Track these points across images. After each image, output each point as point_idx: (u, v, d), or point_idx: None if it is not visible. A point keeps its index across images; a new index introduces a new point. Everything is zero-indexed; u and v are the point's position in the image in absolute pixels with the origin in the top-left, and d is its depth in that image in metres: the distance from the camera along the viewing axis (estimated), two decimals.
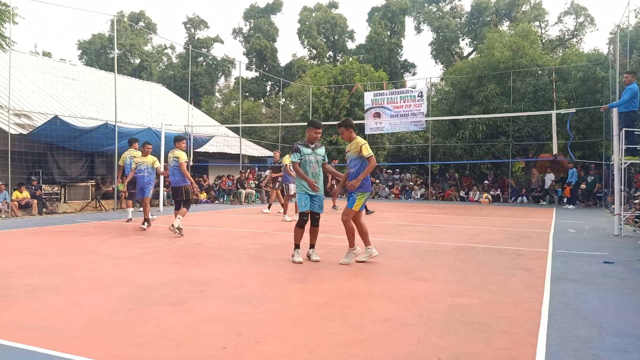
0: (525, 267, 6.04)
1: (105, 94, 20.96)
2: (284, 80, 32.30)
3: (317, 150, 6.39)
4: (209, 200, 18.93)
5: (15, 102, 15.94)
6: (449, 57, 36.54)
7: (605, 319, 3.89)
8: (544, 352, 3.14)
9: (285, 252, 6.99)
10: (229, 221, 11.69)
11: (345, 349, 3.17)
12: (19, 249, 7.24)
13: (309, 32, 40.86)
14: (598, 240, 8.65)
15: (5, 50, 13.19)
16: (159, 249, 7.31)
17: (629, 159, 9.52)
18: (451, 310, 4.06)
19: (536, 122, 19.54)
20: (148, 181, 10.28)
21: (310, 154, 6.32)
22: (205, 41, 45.96)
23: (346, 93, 24.54)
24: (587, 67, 19.23)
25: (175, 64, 46.46)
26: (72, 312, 3.96)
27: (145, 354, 3.06)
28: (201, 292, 4.60)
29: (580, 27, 31.86)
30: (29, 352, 3.10)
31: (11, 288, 4.73)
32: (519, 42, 20.45)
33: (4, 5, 12.33)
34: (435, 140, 22.78)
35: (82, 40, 44.50)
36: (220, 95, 45.70)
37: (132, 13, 45.30)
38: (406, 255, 6.88)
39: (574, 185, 17.86)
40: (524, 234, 9.56)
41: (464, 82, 21.43)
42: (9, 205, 12.67)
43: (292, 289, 4.85)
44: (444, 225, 11.10)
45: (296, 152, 6.29)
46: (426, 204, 19.56)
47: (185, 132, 16.95)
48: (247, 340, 3.33)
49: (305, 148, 6.33)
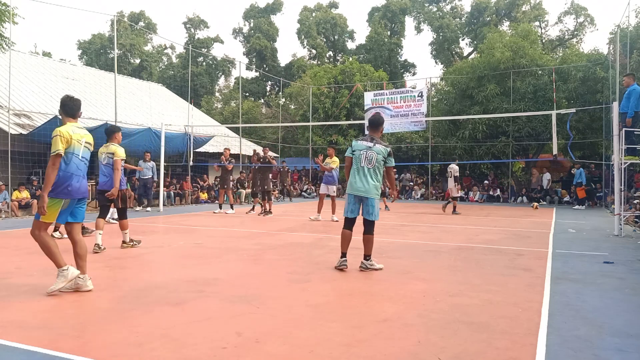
0: (525, 267, 6.04)
1: (105, 94, 20.96)
2: (284, 80, 32.29)
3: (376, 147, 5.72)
4: (209, 200, 18.94)
5: (15, 102, 15.95)
6: (449, 57, 36.53)
7: (605, 319, 3.89)
8: (544, 352, 3.14)
9: (285, 252, 6.99)
10: (229, 221, 11.69)
11: (345, 349, 3.16)
12: (19, 249, 7.23)
13: (308, 32, 40.85)
14: (598, 240, 8.65)
15: (5, 50, 13.19)
16: (159, 249, 7.30)
17: (629, 159, 9.52)
18: (451, 310, 4.06)
19: (536, 122, 19.55)
20: None
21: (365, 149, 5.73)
22: (205, 41, 45.96)
23: (346, 93, 24.54)
24: (587, 67, 19.23)
25: (175, 64, 46.46)
26: (72, 312, 3.96)
27: (145, 354, 3.06)
28: (201, 292, 4.60)
29: (580, 27, 31.86)
30: (29, 352, 3.09)
31: (11, 288, 4.73)
32: (519, 42, 20.46)
33: (4, 5, 12.32)
34: (435, 140, 22.79)
35: (82, 40, 44.55)
36: (220, 95, 45.70)
37: (132, 13, 45.31)
38: (406, 255, 6.88)
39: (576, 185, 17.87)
40: (524, 234, 9.56)
41: (464, 82, 21.43)
42: (9, 205, 12.67)
43: (292, 289, 4.85)
44: (444, 225, 11.10)
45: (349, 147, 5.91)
46: (426, 204, 19.56)
47: (186, 132, 16.94)
48: (247, 340, 3.33)
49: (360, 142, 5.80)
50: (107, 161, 7.13)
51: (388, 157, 5.77)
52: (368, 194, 5.64)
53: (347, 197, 5.79)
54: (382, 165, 5.75)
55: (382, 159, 5.71)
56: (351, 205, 5.74)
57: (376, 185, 5.69)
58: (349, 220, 5.79)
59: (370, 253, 5.78)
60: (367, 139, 5.82)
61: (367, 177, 5.65)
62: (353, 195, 5.72)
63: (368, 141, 5.76)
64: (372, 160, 5.67)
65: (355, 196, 5.70)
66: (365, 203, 5.70)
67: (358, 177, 5.68)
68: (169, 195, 17.00)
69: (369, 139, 5.80)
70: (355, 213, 5.74)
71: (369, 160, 5.67)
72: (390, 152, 5.81)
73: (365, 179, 5.65)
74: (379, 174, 5.72)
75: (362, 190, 5.65)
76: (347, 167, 5.93)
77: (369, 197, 5.65)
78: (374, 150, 5.69)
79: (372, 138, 5.80)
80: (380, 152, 5.69)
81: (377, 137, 5.86)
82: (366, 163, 5.67)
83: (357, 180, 5.68)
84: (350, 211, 5.74)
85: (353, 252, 7.01)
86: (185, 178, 18.65)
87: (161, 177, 15.29)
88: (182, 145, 16.90)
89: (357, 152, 5.74)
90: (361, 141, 5.80)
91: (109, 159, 7.11)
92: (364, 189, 5.64)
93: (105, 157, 7.16)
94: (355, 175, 5.70)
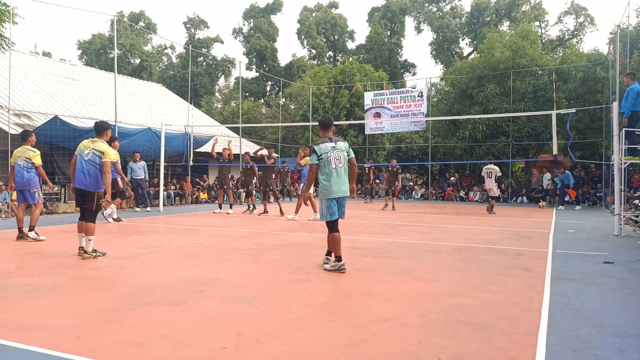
0: (525, 267, 6.04)
1: (105, 94, 20.96)
2: (284, 80, 32.28)
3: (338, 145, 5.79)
4: (209, 200, 18.94)
5: (15, 102, 15.94)
6: (449, 57, 36.51)
7: (605, 319, 3.89)
8: (544, 352, 3.14)
9: (286, 252, 6.99)
10: (229, 221, 11.69)
11: (345, 349, 3.16)
12: (19, 249, 7.23)
13: (308, 32, 40.83)
14: (598, 240, 8.65)
15: (5, 50, 13.19)
16: (159, 249, 7.30)
17: (629, 159, 9.52)
18: (451, 310, 4.06)
19: (536, 122, 19.55)
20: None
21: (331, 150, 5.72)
22: (205, 41, 45.94)
23: (346, 93, 24.53)
24: (587, 67, 19.22)
25: (175, 64, 46.43)
26: (72, 312, 3.96)
27: (145, 354, 3.06)
28: (201, 292, 4.60)
29: (580, 27, 31.85)
30: (29, 352, 3.10)
31: (11, 288, 4.72)
32: (519, 42, 20.45)
33: (4, 5, 12.32)
34: (435, 140, 22.79)
35: (82, 40, 44.51)
36: (220, 95, 45.70)
37: (132, 13, 45.27)
38: (406, 255, 6.88)
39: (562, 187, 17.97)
40: (524, 234, 9.56)
41: (464, 82, 21.43)
42: (9, 205, 12.67)
43: (292, 289, 4.85)
44: (444, 225, 11.10)
45: (313, 154, 5.72)
46: (426, 204, 19.56)
47: (186, 132, 16.94)
48: (247, 340, 3.33)
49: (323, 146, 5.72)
50: (91, 157, 6.46)
51: (349, 150, 5.89)
52: (345, 193, 5.74)
53: (326, 202, 5.70)
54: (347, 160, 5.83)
55: (346, 154, 5.82)
56: (333, 207, 5.70)
57: (348, 183, 5.80)
58: (333, 223, 5.76)
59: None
60: (326, 140, 5.79)
61: (341, 177, 5.70)
62: (332, 198, 5.68)
63: (329, 142, 5.77)
64: (340, 158, 5.73)
65: (335, 199, 5.69)
66: (341, 203, 5.77)
67: (334, 180, 5.66)
68: (169, 195, 17.00)
69: (328, 139, 5.81)
70: (337, 214, 5.76)
71: (339, 160, 5.71)
72: (349, 144, 5.98)
73: (340, 179, 5.69)
74: (348, 171, 5.82)
75: (342, 192, 5.71)
76: (314, 173, 5.81)
77: (345, 197, 5.76)
78: (338, 148, 5.75)
79: (330, 138, 5.83)
80: (343, 148, 5.80)
81: (332, 135, 5.94)
82: (337, 163, 5.69)
83: (335, 184, 5.66)
84: (333, 214, 5.71)
85: (353, 251, 7.02)
86: (185, 178, 18.66)
87: (161, 177, 15.29)
88: (182, 145, 16.92)
89: (325, 155, 5.68)
90: (323, 144, 5.74)
91: (94, 156, 6.46)
92: (344, 189, 5.72)
93: (90, 152, 6.48)
94: (330, 179, 5.66)
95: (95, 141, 6.57)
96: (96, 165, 6.46)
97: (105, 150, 6.48)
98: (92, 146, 6.51)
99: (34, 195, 8.27)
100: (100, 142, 6.56)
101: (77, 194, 6.63)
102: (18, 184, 8.29)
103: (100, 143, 6.55)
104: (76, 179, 6.52)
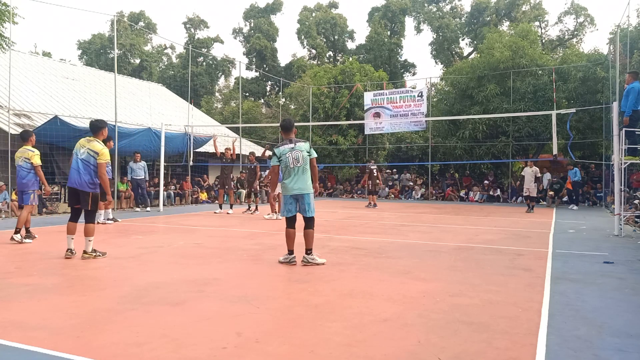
0: (525, 267, 6.04)
1: (105, 94, 20.95)
2: (284, 80, 32.28)
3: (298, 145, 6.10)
4: (209, 200, 18.93)
5: (15, 102, 15.93)
6: (449, 57, 36.52)
7: (605, 319, 3.89)
8: (544, 352, 3.14)
9: (285, 252, 6.97)
10: (228, 221, 11.69)
11: (345, 349, 3.16)
12: (19, 249, 7.24)
13: (308, 32, 40.82)
14: (598, 240, 8.65)
15: (5, 50, 13.18)
16: (159, 249, 7.30)
17: (629, 159, 9.52)
18: (451, 310, 4.06)
19: (536, 122, 19.54)
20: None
21: (289, 151, 6.06)
22: (205, 41, 45.93)
23: (346, 93, 24.53)
24: (587, 67, 19.23)
25: (175, 64, 46.43)
26: (72, 312, 3.96)
27: (145, 354, 3.06)
28: (201, 292, 4.60)
29: (580, 27, 31.86)
30: (29, 352, 3.10)
31: (11, 288, 4.72)
32: (518, 42, 20.45)
33: (4, 5, 12.32)
34: (435, 140, 22.78)
35: (82, 40, 44.47)
36: (220, 95, 45.68)
37: (132, 13, 45.26)
38: (406, 255, 6.88)
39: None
40: (524, 234, 9.56)
41: (464, 82, 21.43)
42: (9, 205, 12.67)
43: (292, 289, 4.85)
44: (444, 225, 11.10)
45: (274, 156, 6.14)
46: (426, 204, 19.56)
47: (185, 132, 16.94)
48: (247, 340, 3.33)
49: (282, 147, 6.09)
50: (86, 157, 6.39)
51: (310, 150, 6.21)
52: (303, 191, 6.06)
53: (284, 199, 6.17)
54: (308, 160, 6.15)
55: (307, 153, 6.14)
56: (288, 205, 6.12)
57: (307, 181, 6.12)
58: (289, 219, 6.15)
59: (311, 247, 6.15)
60: (286, 142, 6.17)
61: (298, 176, 6.06)
62: (289, 195, 6.09)
63: (288, 144, 6.14)
64: (298, 158, 6.06)
65: (291, 196, 6.09)
66: (301, 201, 6.10)
67: (291, 178, 6.06)
68: (169, 195, 17.00)
69: (288, 141, 6.17)
70: (294, 212, 6.14)
71: (297, 160, 6.06)
72: (310, 145, 6.29)
73: (296, 178, 6.05)
74: (308, 170, 6.15)
75: (297, 189, 6.04)
76: (275, 174, 6.45)
77: (304, 194, 6.07)
78: (297, 149, 6.09)
79: (290, 140, 6.19)
80: (303, 148, 6.12)
81: (293, 138, 6.25)
82: (295, 163, 6.05)
83: (291, 181, 6.06)
84: (288, 211, 6.13)
85: (353, 251, 7.02)
86: (185, 178, 18.66)
87: (161, 177, 15.29)
88: (182, 145, 16.92)
89: (284, 156, 6.08)
90: (282, 146, 6.14)
91: (88, 156, 6.39)
92: (298, 187, 6.04)
93: (85, 151, 6.41)
94: (288, 177, 6.09)
95: (91, 140, 6.52)
96: (90, 165, 6.39)
97: (100, 150, 6.41)
98: (88, 145, 6.46)
99: (28, 196, 8.14)
100: (95, 142, 6.50)
101: (70, 192, 6.57)
102: (18, 185, 8.28)
103: (95, 143, 6.49)
104: (70, 178, 6.48)
